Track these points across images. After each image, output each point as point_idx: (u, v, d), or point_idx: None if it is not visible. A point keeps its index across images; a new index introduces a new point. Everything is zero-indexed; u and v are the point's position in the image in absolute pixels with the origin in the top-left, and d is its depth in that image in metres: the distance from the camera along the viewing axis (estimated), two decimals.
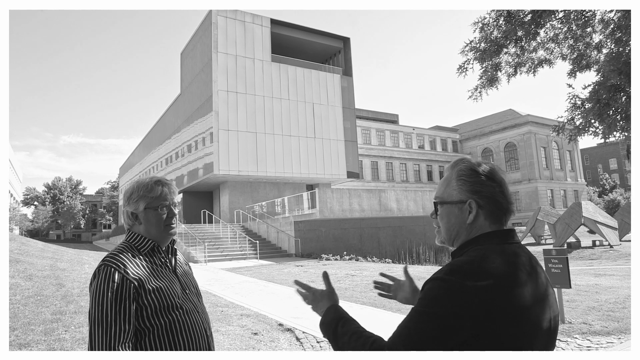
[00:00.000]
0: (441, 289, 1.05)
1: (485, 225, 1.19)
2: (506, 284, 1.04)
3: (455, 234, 1.23)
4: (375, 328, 5.08)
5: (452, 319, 1.01)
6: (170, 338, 1.53)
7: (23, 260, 10.07)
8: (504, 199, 1.20)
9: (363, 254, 21.15)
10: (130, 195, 1.68)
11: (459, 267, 1.08)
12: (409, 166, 54.01)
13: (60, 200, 78.67)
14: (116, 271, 1.48)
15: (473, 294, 1.02)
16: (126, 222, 1.70)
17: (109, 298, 1.43)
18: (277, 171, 31.27)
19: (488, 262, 1.08)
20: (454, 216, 1.22)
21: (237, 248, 21.73)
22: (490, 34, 7.31)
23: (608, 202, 53.95)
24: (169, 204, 1.70)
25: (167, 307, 1.54)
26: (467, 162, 1.26)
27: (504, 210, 1.20)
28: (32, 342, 5.07)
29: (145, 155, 49.28)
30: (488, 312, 1.01)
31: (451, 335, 1.02)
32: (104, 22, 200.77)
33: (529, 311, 1.06)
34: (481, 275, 1.05)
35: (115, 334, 1.42)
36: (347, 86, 35.83)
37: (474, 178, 1.21)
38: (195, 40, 34.06)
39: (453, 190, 1.23)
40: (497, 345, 1.02)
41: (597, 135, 6.71)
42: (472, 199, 1.19)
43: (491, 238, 1.17)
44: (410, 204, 25.56)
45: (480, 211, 1.19)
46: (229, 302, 8.74)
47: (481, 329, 1.01)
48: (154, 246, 1.66)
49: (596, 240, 21.81)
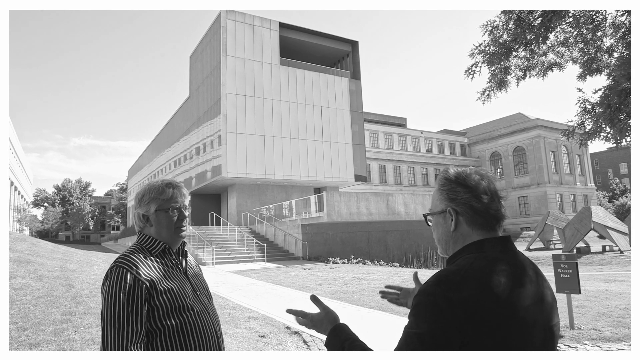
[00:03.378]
0: (427, 304, 1.07)
1: (470, 232, 1.20)
2: (491, 293, 1.05)
3: (444, 243, 1.25)
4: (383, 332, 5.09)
5: (440, 336, 1.03)
6: (182, 339, 1.54)
7: (33, 261, 10.17)
8: (479, 203, 1.19)
9: (370, 258, 21.11)
10: (142, 197, 1.70)
11: (444, 278, 1.09)
12: (416, 170, 53.82)
13: (70, 201, 79.28)
14: (128, 272, 1.50)
15: (457, 306, 1.03)
16: (137, 224, 1.71)
17: (122, 299, 1.45)
18: (285, 174, 31.32)
19: (474, 272, 1.08)
20: (440, 226, 1.26)
21: (244, 251, 21.77)
22: (499, 37, 7.28)
23: (618, 207, 53.42)
24: (180, 207, 1.71)
25: (178, 308, 1.55)
26: (444, 172, 1.28)
27: (482, 216, 1.19)
28: (43, 342, 5.12)
29: (154, 157, 49.58)
30: (474, 322, 1.02)
31: (442, 348, 1.04)
32: (114, 24, 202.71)
33: (518, 320, 1.06)
34: (466, 286, 1.05)
35: (127, 334, 1.43)
36: (355, 89, 35.84)
37: (448, 186, 1.23)
38: (205, 43, 34.27)
39: (437, 201, 1.27)
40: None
41: (609, 140, 6.66)
42: (449, 207, 1.22)
43: (481, 247, 1.17)
44: (418, 208, 25.46)
45: (461, 218, 1.20)
46: (236, 304, 8.76)
47: (470, 339, 1.02)
48: (165, 248, 1.67)
49: (606, 245, 21.59)
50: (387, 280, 12.19)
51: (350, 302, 8.89)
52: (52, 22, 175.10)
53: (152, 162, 49.95)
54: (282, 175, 31.20)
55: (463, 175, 1.23)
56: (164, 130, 45.92)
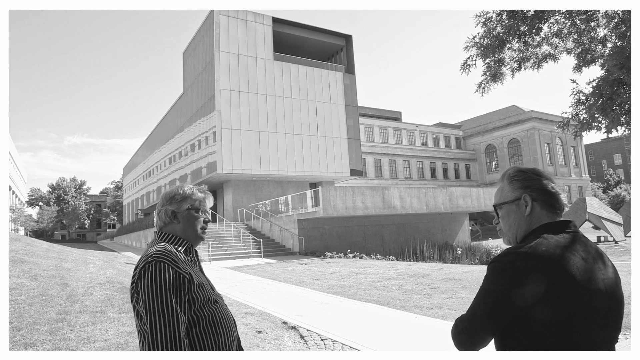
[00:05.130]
0: (495, 269, 1.26)
1: (542, 215, 1.37)
2: (555, 265, 1.20)
3: (517, 229, 1.40)
4: (380, 325, 5.09)
5: (502, 294, 1.21)
6: (214, 329, 1.62)
7: (28, 260, 10.11)
8: (553, 189, 1.39)
9: (367, 252, 21.15)
10: (173, 196, 1.80)
11: (512, 251, 1.27)
12: (412, 163, 53.87)
13: (65, 200, 78.93)
14: (169, 266, 1.55)
15: (522, 272, 1.19)
16: (162, 220, 1.79)
17: (168, 290, 1.50)
18: (281, 169, 31.27)
19: (540, 247, 1.24)
20: (513, 213, 1.41)
21: (241, 246, 21.76)
22: (493, 29, 7.26)
23: (613, 198, 53.72)
24: (207, 211, 1.86)
25: (209, 301, 1.65)
26: (513, 167, 1.47)
27: (555, 199, 1.38)
28: (38, 342, 5.09)
29: (148, 155, 49.37)
30: (535, 289, 1.17)
31: (504, 307, 1.21)
32: (106, 23, 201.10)
33: (578, 293, 1.19)
34: (532, 257, 1.22)
35: (178, 324, 1.48)
36: (349, 84, 35.76)
37: (522, 176, 1.42)
38: (198, 39, 34.06)
39: (507, 192, 1.43)
40: (547, 322, 1.17)
41: (600, 130, 6.67)
42: (525, 193, 1.39)
43: (549, 228, 1.33)
44: (414, 202, 25.51)
45: (535, 203, 1.38)
46: (233, 300, 8.76)
47: (532, 301, 1.17)
48: (188, 246, 1.77)
49: (601, 236, 21.72)
50: (384, 274, 12.21)
51: (347, 296, 8.91)
52: (45, 21, 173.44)
53: (147, 159, 49.74)
54: (278, 171, 31.16)
55: (532, 168, 1.45)
56: (158, 127, 45.70)
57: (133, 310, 1.58)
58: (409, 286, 9.83)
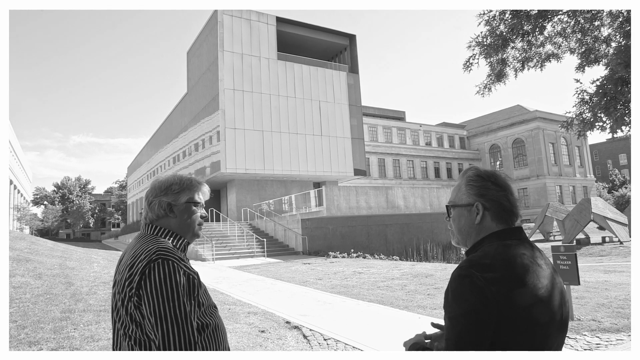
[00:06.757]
0: (466, 284, 1.17)
1: (492, 226, 1.32)
2: (517, 273, 1.17)
3: (466, 234, 1.36)
4: (382, 325, 5.09)
5: (482, 310, 1.13)
6: (217, 334, 1.50)
7: (33, 259, 10.16)
8: (508, 202, 1.32)
9: (370, 252, 21.12)
10: (169, 186, 1.60)
11: (476, 261, 1.21)
12: (416, 163, 53.78)
13: (70, 199, 79.28)
14: (178, 265, 1.39)
15: (492, 284, 1.14)
16: (155, 213, 1.58)
17: (180, 292, 1.35)
18: (284, 169, 31.29)
19: (500, 256, 1.21)
20: (464, 218, 1.36)
21: (244, 246, 21.79)
22: (496, 28, 7.24)
23: (618, 198, 53.39)
24: (203, 205, 1.68)
25: (211, 306, 1.53)
26: (475, 169, 1.40)
27: (508, 212, 1.32)
28: (42, 340, 5.12)
29: (152, 154, 49.51)
30: (508, 298, 1.13)
31: (487, 324, 1.13)
32: (111, 22, 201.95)
33: (541, 297, 1.17)
34: (496, 267, 1.18)
35: (192, 330, 1.35)
36: (353, 83, 35.73)
37: (480, 182, 1.35)
38: (202, 39, 34.12)
39: (463, 195, 1.38)
40: (516, 333, 1.13)
41: (605, 130, 6.63)
42: (478, 202, 1.33)
43: (500, 236, 1.29)
44: (418, 201, 25.47)
45: (487, 213, 1.32)
46: (236, 299, 8.77)
47: (506, 313, 1.13)
48: (184, 243, 1.60)
49: (606, 236, 21.60)
50: (387, 274, 12.20)
51: (350, 296, 8.90)
52: (49, 20, 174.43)
53: (151, 159, 49.88)
54: (282, 171, 31.18)
55: (495, 175, 1.37)
56: (162, 127, 45.83)
57: (125, 313, 1.39)
58: (413, 286, 9.82)
